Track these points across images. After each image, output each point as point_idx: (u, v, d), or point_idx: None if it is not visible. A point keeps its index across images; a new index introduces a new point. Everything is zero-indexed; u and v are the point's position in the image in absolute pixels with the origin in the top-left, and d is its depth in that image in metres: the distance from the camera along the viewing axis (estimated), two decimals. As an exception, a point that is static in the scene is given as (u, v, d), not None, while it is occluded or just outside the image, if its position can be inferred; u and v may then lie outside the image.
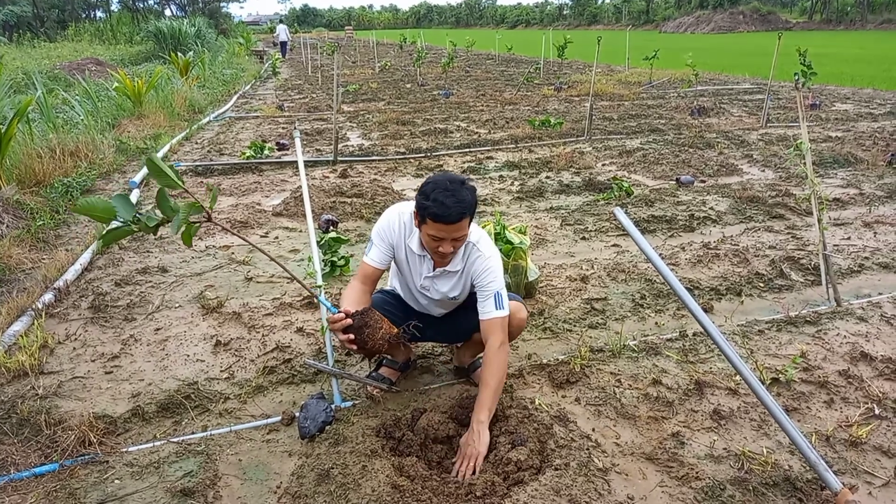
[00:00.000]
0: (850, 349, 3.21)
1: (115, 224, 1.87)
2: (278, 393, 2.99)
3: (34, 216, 5.51)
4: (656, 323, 3.60)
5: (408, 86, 16.36)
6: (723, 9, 53.12)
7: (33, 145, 6.82)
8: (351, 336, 2.38)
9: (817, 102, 11.18)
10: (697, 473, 2.35)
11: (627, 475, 2.36)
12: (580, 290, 4.02)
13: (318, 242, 4.23)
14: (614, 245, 4.79)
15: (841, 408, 2.76)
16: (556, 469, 2.30)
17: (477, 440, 2.37)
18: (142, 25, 34.40)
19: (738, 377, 2.91)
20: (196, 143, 9.23)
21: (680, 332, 3.42)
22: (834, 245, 4.62)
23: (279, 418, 2.75)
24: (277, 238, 5.12)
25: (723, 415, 2.69)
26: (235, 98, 14.44)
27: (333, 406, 2.74)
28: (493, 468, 2.32)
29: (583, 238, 4.96)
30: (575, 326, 3.57)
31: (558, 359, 3.19)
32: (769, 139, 8.46)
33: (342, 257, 4.38)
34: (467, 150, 8.25)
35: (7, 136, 5.92)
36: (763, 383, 2.20)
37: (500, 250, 3.65)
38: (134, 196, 6.15)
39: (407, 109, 12.07)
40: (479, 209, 5.67)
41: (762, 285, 4.02)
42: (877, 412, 2.70)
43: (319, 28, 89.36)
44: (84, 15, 49.35)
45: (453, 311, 2.87)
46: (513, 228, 3.89)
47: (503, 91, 14.63)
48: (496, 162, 7.61)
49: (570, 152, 7.76)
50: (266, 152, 8.07)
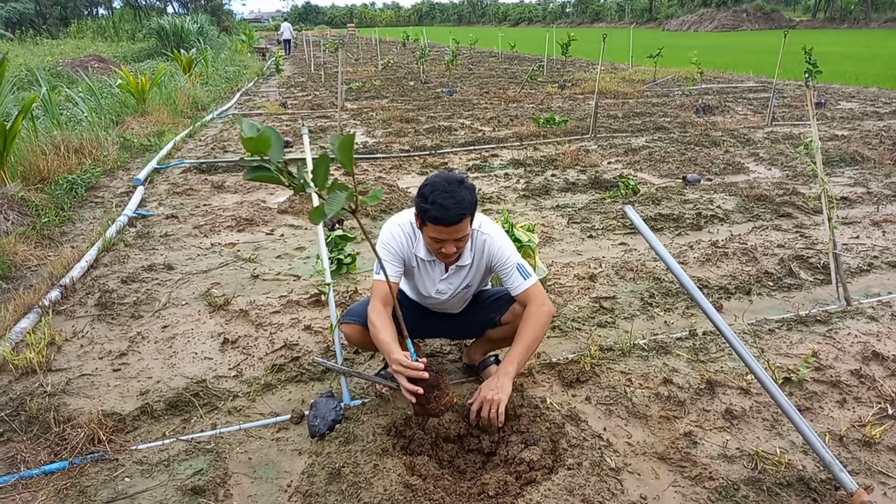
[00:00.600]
0: (862, 349, 3.19)
1: (262, 165, 1.68)
2: (287, 391, 2.98)
3: (39, 213, 5.50)
4: (666, 322, 3.58)
5: (411, 83, 16.33)
6: (726, 7, 53.00)
7: (37, 142, 6.82)
8: (419, 390, 2.26)
9: (822, 101, 11.14)
10: (711, 473, 2.34)
11: (640, 475, 2.35)
12: (588, 289, 4.00)
13: (325, 240, 4.21)
14: (622, 243, 4.78)
15: (854, 407, 2.74)
16: (569, 469, 2.28)
17: (500, 388, 2.35)
18: (144, 22, 34.43)
19: (750, 376, 2.90)
20: (200, 141, 9.21)
21: (690, 331, 3.40)
22: (843, 244, 4.60)
23: (288, 416, 2.74)
24: (283, 235, 5.10)
25: (735, 414, 2.68)
26: (238, 95, 14.43)
27: (343, 404, 2.73)
28: (506, 467, 2.31)
29: (590, 236, 4.94)
30: (584, 325, 3.55)
31: (568, 358, 3.17)
32: (775, 137, 8.42)
33: (349, 255, 4.37)
34: (472, 148, 8.23)
35: (12, 133, 5.91)
36: (775, 383, 2.18)
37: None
38: (138, 194, 6.14)
39: (410, 107, 12.04)
40: (486, 207, 5.65)
41: (771, 284, 4.00)
42: (890, 412, 2.68)
43: (321, 25, 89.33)
44: (86, 12, 49.32)
45: (466, 308, 2.86)
46: (521, 226, 3.86)
47: (507, 89, 14.59)
48: (501, 160, 7.58)
49: (576, 150, 7.73)
50: (270, 149, 8.04)
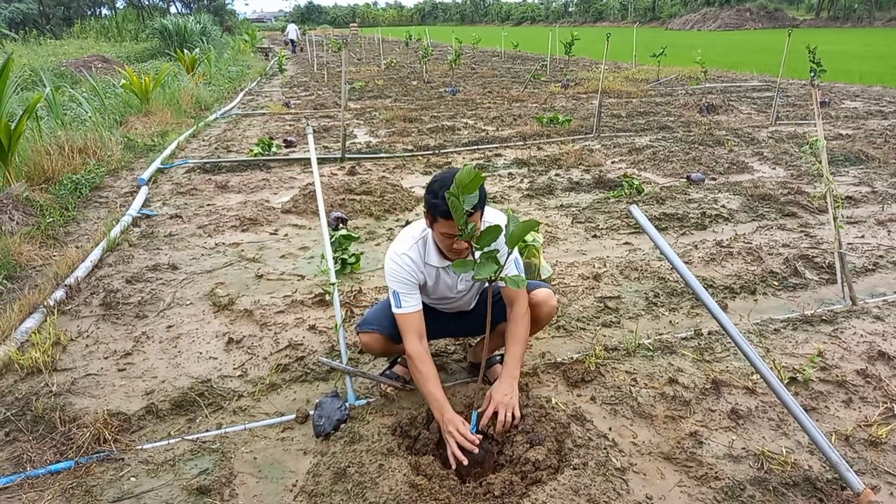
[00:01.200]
0: (868, 348, 3.18)
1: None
2: (292, 391, 2.98)
3: (44, 213, 5.51)
4: (671, 321, 3.57)
5: (414, 83, 16.33)
6: (729, 6, 52.92)
7: (42, 142, 6.83)
8: (464, 461, 2.27)
9: (826, 100, 11.11)
10: (716, 473, 2.33)
11: (646, 475, 2.35)
12: (593, 289, 3.99)
13: (329, 240, 4.21)
14: (626, 243, 4.77)
15: (860, 407, 2.73)
16: (575, 468, 2.28)
17: (511, 392, 2.45)
18: (147, 22, 34.50)
19: (756, 376, 2.90)
20: (203, 140, 9.22)
21: (695, 331, 3.40)
22: (848, 243, 4.58)
23: (293, 416, 2.74)
24: (287, 235, 5.11)
25: (741, 414, 2.67)
26: (241, 95, 14.43)
27: (348, 404, 2.73)
28: (511, 467, 2.31)
29: (594, 236, 4.93)
30: (588, 325, 3.55)
31: (573, 357, 3.17)
32: (779, 137, 8.40)
33: (353, 255, 4.37)
34: (475, 148, 8.22)
35: (16, 134, 5.93)
36: (781, 382, 2.17)
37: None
38: (142, 194, 6.15)
39: (414, 107, 12.03)
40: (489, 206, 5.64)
41: (776, 284, 3.99)
42: (896, 412, 2.67)
43: (324, 25, 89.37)
44: (89, 12, 49.45)
45: (476, 304, 2.86)
46: (525, 226, 3.86)
47: (510, 88, 14.58)
48: (505, 159, 7.58)
49: (579, 150, 7.72)
50: (273, 149, 8.06)
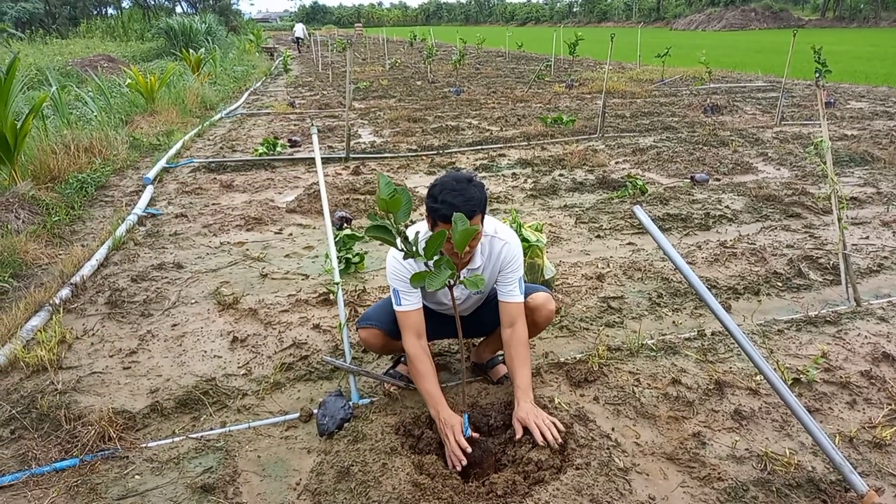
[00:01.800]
0: (872, 349, 3.18)
1: (383, 226, 2.03)
2: (296, 389, 2.99)
3: (50, 212, 5.54)
4: (674, 322, 3.57)
5: (418, 83, 16.34)
6: (734, 6, 52.78)
7: (48, 141, 6.86)
8: (461, 464, 2.31)
9: (832, 100, 11.08)
10: (719, 474, 2.33)
11: (648, 475, 2.35)
12: (596, 289, 3.99)
13: (334, 239, 4.22)
14: (629, 243, 4.76)
15: (864, 409, 2.73)
16: (577, 468, 2.29)
17: (538, 411, 2.46)
18: (153, 22, 34.60)
19: (759, 377, 2.89)
20: (208, 140, 9.25)
21: (698, 332, 3.40)
22: (852, 244, 4.57)
23: (297, 415, 2.75)
24: (291, 235, 5.12)
25: (744, 415, 2.67)
26: (246, 95, 14.47)
27: (351, 403, 2.74)
28: (514, 467, 2.31)
29: (598, 236, 4.93)
30: (592, 325, 3.55)
31: (576, 357, 3.17)
32: (784, 137, 8.39)
33: (357, 254, 4.38)
34: (479, 148, 8.22)
35: (22, 133, 5.96)
36: (785, 383, 2.17)
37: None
38: (147, 193, 6.17)
39: (418, 107, 12.05)
40: (493, 207, 5.66)
41: (780, 284, 3.99)
42: (900, 413, 2.67)
43: (329, 25, 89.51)
44: (95, 12, 49.59)
45: (476, 309, 2.86)
46: (529, 226, 3.87)
47: (514, 88, 14.57)
48: (509, 159, 7.58)
49: (583, 150, 7.72)
50: (278, 149, 8.08)
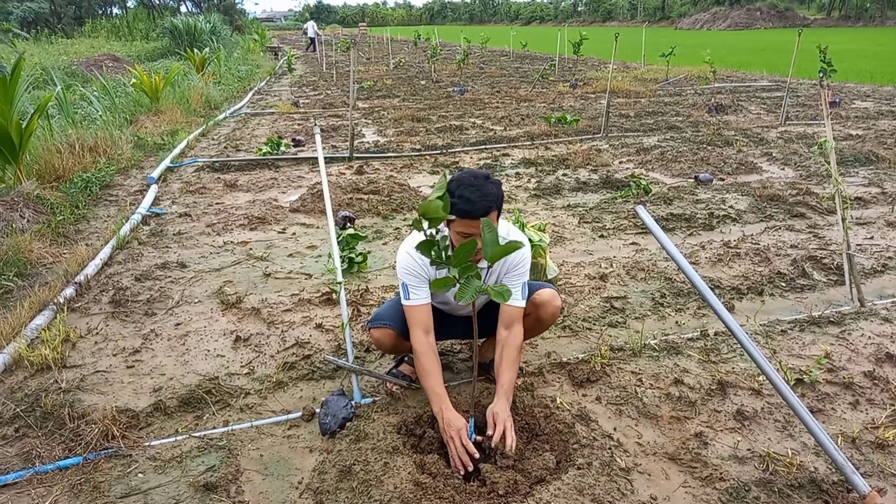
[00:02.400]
0: (875, 350, 3.17)
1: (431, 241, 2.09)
2: (298, 389, 3.00)
3: (54, 211, 5.56)
4: (677, 322, 3.57)
5: (422, 82, 16.35)
6: (739, 5, 52.60)
7: (53, 141, 6.89)
8: (469, 465, 2.30)
9: (837, 100, 11.04)
10: (721, 474, 2.33)
11: (650, 475, 2.35)
12: (599, 289, 3.99)
13: (336, 239, 4.23)
14: (633, 243, 4.76)
15: (867, 409, 2.72)
16: (579, 468, 2.29)
17: (507, 412, 2.43)
18: (158, 22, 34.72)
19: (762, 377, 2.89)
20: (213, 140, 9.27)
21: (701, 332, 3.39)
22: (857, 244, 4.56)
23: (300, 414, 2.76)
24: (295, 234, 5.13)
25: (746, 415, 2.66)
26: (251, 94, 14.50)
27: (354, 402, 2.74)
28: (516, 466, 2.31)
29: (601, 236, 4.92)
30: (594, 325, 3.55)
31: (578, 357, 3.17)
32: (788, 137, 8.36)
33: (360, 254, 4.38)
34: (483, 147, 8.22)
35: (28, 132, 5.98)
36: (787, 384, 2.17)
37: (520, 248, 3.62)
38: (152, 193, 6.19)
39: (422, 106, 12.05)
40: (496, 206, 5.65)
41: (784, 285, 3.98)
42: (904, 414, 2.66)
43: (333, 24, 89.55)
44: (100, 11, 49.75)
45: (482, 310, 2.86)
46: (532, 226, 3.87)
47: (518, 88, 14.57)
48: (512, 159, 7.58)
49: (587, 149, 7.71)
50: (282, 148, 8.10)
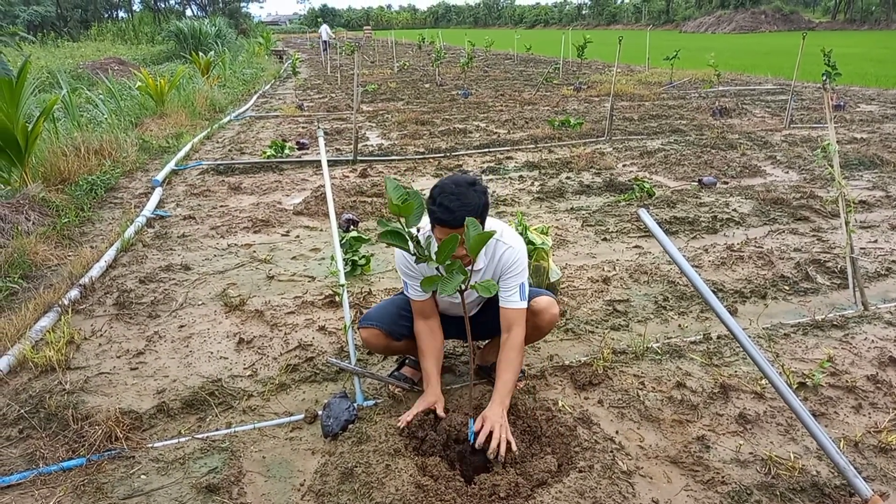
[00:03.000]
0: (879, 354, 3.16)
1: (396, 231, 2.08)
2: (301, 391, 3.01)
3: (59, 213, 5.59)
4: (679, 325, 3.56)
5: (426, 86, 16.38)
6: (744, 8, 52.57)
7: (58, 143, 6.92)
8: (404, 422, 2.46)
9: (842, 103, 11.02)
10: (723, 478, 2.33)
11: (652, 478, 2.34)
12: (602, 292, 3.99)
13: (340, 242, 4.24)
14: (636, 246, 4.76)
15: (869, 413, 2.71)
16: (581, 471, 2.29)
17: (503, 419, 2.43)
18: (163, 25, 34.86)
19: (765, 381, 2.88)
20: (217, 142, 9.31)
21: (704, 335, 3.39)
22: (861, 248, 4.55)
23: (302, 416, 2.77)
24: (298, 237, 5.14)
25: (749, 419, 2.66)
26: (255, 97, 14.55)
27: (356, 405, 2.75)
28: (517, 469, 2.31)
29: (604, 239, 4.93)
30: (597, 328, 3.55)
31: (580, 360, 3.17)
32: (793, 140, 8.35)
33: (363, 256, 4.39)
34: (487, 151, 8.23)
35: (33, 135, 6.01)
36: (790, 387, 2.17)
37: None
38: (156, 195, 6.22)
39: (426, 109, 12.07)
40: (500, 209, 5.66)
41: (787, 288, 3.97)
42: (907, 418, 2.65)
43: (338, 28, 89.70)
44: (106, 15, 50.02)
45: (482, 310, 2.87)
46: (535, 229, 3.87)
47: (522, 91, 14.58)
48: (516, 162, 7.58)
49: (591, 153, 7.72)
50: (286, 151, 8.12)
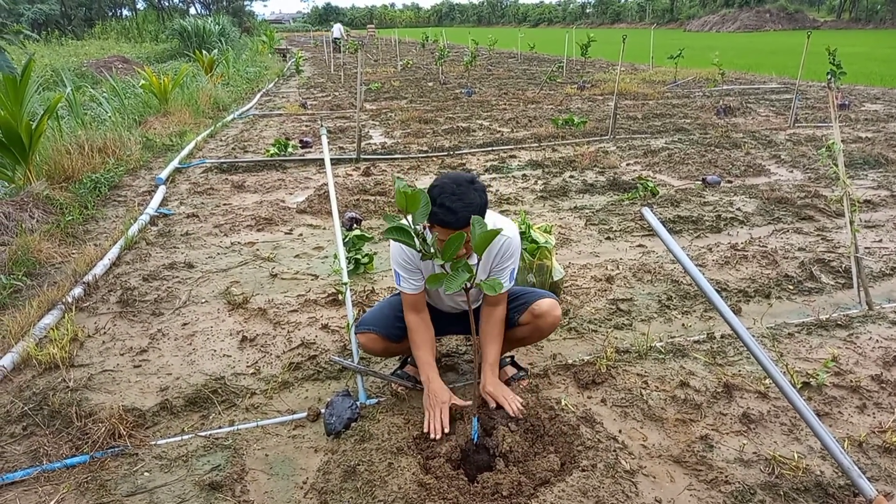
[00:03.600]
0: (883, 353, 3.15)
1: (402, 227, 2.03)
2: (304, 389, 3.01)
3: (63, 211, 5.60)
4: (683, 324, 3.56)
5: (430, 84, 16.37)
6: (749, 7, 52.42)
7: (62, 142, 6.94)
8: (437, 434, 2.48)
9: (846, 102, 10.98)
10: (727, 477, 2.32)
11: (655, 478, 2.34)
12: (605, 291, 3.99)
13: (343, 240, 4.24)
14: (639, 245, 4.75)
15: (874, 413, 2.70)
16: (583, 470, 2.28)
17: (504, 387, 2.68)
18: (167, 24, 34.90)
19: (768, 380, 2.87)
20: (221, 141, 9.32)
21: (707, 334, 3.38)
22: (865, 248, 4.53)
23: (305, 414, 2.77)
24: (301, 235, 5.15)
25: (752, 418, 2.65)
26: (259, 96, 14.55)
27: (359, 403, 2.75)
28: (520, 468, 2.31)
29: (607, 238, 4.92)
30: (600, 327, 3.54)
31: (584, 359, 3.17)
32: (797, 139, 8.32)
33: (366, 255, 4.39)
34: (490, 149, 8.23)
35: (37, 133, 6.02)
36: (794, 387, 2.16)
37: (525, 249, 3.63)
38: (160, 193, 6.23)
39: (429, 108, 12.07)
40: (503, 208, 5.66)
41: (791, 288, 3.96)
42: (911, 418, 2.64)
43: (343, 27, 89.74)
44: (110, 13, 50.08)
45: (481, 305, 2.87)
46: (538, 228, 3.86)
47: (526, 90, 14.57)
48: (519, 161, 7.58)
49: (594, 151, 7.70)
50: (290, 150, 8.13)
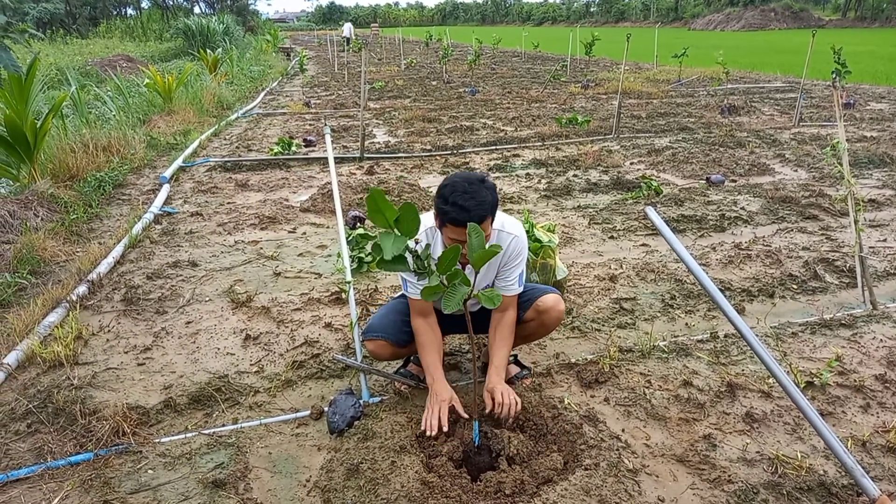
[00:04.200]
0: (887, 353, 3.14)
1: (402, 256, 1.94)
2: (307, 387, 3.02)
3: (68, 210, 5.62)
4: (686, 324, 3.55)
5: (434, 83, 16.36)
6: (754, 6, 52.28)
7: (67, 140, 6.96)
8: (433, 431, 2.45)
9: (851, 101, 10.95)
10: (730, 476, 2.32)
11: (658, 477, 2.34)
12: (609, 290, 3.98)
13: (346, 239, 4.25)
14: (643, 244, 4.74)
15: (878, 413, 2.70)
16: (586, 469, 2.28)
17: (508, 389, 2.56)
18: (171, 23, 34.94)
19: (772, 380, 2.87)
20: (225, 140, 9.33)
21: (711, 334, 3.37)
22: (869, 247, 4.52)
23: (308, 412, 2.77)
24: (305, 234, 5.15)
25: (756, 418, 2.65)
26: (263, 95, 14.57)
27: (362, 401, 2.75)
28: (522, 467, 2.31)
29: (611, 237, 4.91)
30: (603, 326, 3.54)
31: (587, 358, 3.16)
32: (802, 138, 8.30)
33: (370, 253, 4.40)
34: (494, 148, 8.22)
35: (42, 132, 6.04)
36: (797, 387, 2.16)
37: (529, 248, 3.62)
38: (164, 192, 6.24)
39: (433, 107, 12.07)
40: (507, 207, 5.65)
41: (795, 287, 3.95)
42: (915, 418, 2.64)
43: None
44: (115, 12, 50.13)
45: (481, 308, 2.87)
46: (541, 227, 3.86)
47: (530, 89, 14.55)
48: (523, 160, 7.57)
49: (598, 150, 7.69)
50: (293, 149, 8.14)
